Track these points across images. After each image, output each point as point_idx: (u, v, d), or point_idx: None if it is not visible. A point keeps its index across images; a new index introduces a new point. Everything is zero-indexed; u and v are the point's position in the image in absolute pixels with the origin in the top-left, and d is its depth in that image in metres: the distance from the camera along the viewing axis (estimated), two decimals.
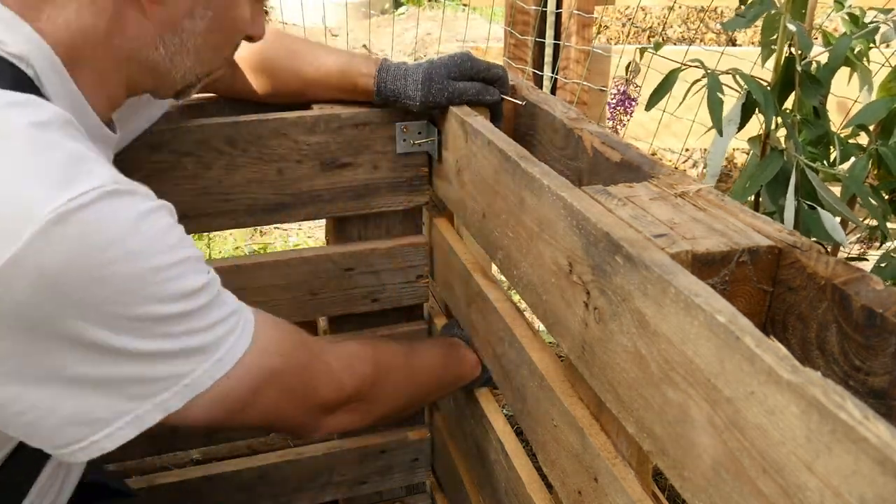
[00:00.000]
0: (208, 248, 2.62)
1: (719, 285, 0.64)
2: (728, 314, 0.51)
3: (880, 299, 0.57)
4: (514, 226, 0.87)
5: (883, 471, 0.39)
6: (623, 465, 0.72)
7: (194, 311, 0.67)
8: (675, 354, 0.57)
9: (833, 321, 0.61)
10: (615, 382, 0.67)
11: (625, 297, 0.63)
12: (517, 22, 2.67)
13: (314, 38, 4.37)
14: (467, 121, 1.00)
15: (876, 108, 1.07)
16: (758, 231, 0.66)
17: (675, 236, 0.65)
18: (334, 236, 1.24)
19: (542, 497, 0.95)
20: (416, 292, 1.28)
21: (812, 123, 1.08)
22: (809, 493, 0.44)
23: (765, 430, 0.47)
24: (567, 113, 1.04)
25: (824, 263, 0.62)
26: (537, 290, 0.83)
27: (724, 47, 2.65)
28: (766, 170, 1.02)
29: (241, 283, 1.17)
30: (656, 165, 0.82)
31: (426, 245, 1.25)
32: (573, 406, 0.80)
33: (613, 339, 0.66)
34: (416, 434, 1.42)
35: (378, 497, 1.48)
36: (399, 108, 1.11)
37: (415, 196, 1.21)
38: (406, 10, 5.53)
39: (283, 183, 1.12)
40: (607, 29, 4.38)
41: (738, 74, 1.05)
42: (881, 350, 0.57)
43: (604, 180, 0.92)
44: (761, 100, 1.00)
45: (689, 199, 0.74)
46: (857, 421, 0.40)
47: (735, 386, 0.50)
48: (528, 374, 0.91)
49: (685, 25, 4.37)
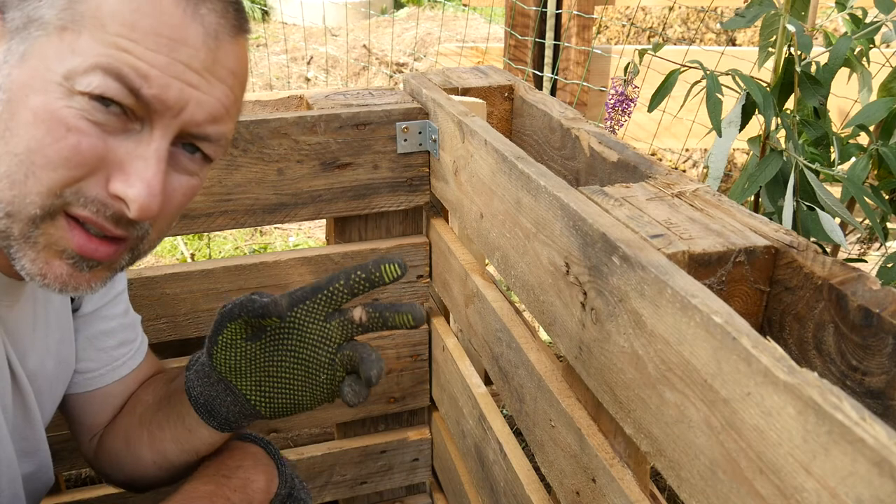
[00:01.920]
0: (208, 248, 2.62)
1: (716, 285, 0.64)
2: (724, 315, 0.51)
3: (877, 299, 0.57)
4: (511, 226, 0.87)
5: (880, 472, 0.39)
6: (621, 465, 0.72)
7: None
8: (671, 355, 0.57)
9: (830, 321, 0.61)
10: (613, 383, 0.67)
11: (622, 298, 0.63)
12: (517, 23, 2.67)
13: (314, 38, 4.32)
14: (464, 121, 1.00)
15: (876, 108, 1.07)
16: (754, 231, 0.66)
17: (672, 236, 0.65)
18: (334, 236, 1.24)
19: (540, 497, 0.95)
20: (417, 292, 1.28)
21: (812, 124, 1.08)
22: (806, 495, 0.44)
23: (762, 431, 0.47)
24: (564, 113, 1.04)
25: (821, 263, 0.62)
26: (534, 290, 0.83)
27: (724, 47, 2.65)
28: (765, 170, 1.02)
29: (241, 283, 1.17)
30: (653, 165, 0.82)
31: (426, 245, 1.25)
32: (571, 407, 0.80)
33: (610, 339, 0.66)
34: (416, 434, 1.42)
35: (378, 497, 1.48)
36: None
37: (415, 196, 1.21)
38: (406, 9, 5.53)
39: (284, 183, 1.12)
40: (607, 29, 4.38)
41: (738, 75, 1.05)
42: (878, 350, 0.56)
43: (601, 180, 0.92)
44: (760, 101, 1.00)
45: (685, 199, 0.74)
46: (854, 422, 0.40)
47: (732, 387, 0.50)
48: (527, 375, 0.91)
49: (685, 25, 4.37)
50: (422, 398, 1.38)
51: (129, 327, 0.91)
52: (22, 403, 0.76)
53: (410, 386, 1.36)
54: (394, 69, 4.21)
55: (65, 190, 0.59)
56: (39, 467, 0.82)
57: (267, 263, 1.17)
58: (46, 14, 0.58)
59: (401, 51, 4.29)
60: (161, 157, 0.61)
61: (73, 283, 0.62)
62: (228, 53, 0.63)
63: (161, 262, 2.48)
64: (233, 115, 0.66)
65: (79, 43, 0.57)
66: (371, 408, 1.35)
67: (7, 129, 0.58)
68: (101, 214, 0.60)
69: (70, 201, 0.59)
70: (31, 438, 0.79)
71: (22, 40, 0.59)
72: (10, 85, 0.58)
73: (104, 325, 0.87)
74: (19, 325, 0.74)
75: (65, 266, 0.61)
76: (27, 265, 0.61)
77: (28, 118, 0.57)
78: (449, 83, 1.27)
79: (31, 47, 0.58)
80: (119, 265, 0.66)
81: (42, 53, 0.58)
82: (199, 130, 0.63)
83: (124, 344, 0.90)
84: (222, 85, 0.63)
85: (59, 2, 0.58)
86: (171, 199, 0.65)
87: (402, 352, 1.32)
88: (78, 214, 0.60)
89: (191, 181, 0.66)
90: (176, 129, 0.61)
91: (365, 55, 4.26)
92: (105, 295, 0.87)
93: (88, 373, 0.87)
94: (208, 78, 0.61)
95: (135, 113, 0.60)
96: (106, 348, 0.88)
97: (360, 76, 4.18)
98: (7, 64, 0.59)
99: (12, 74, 0.58)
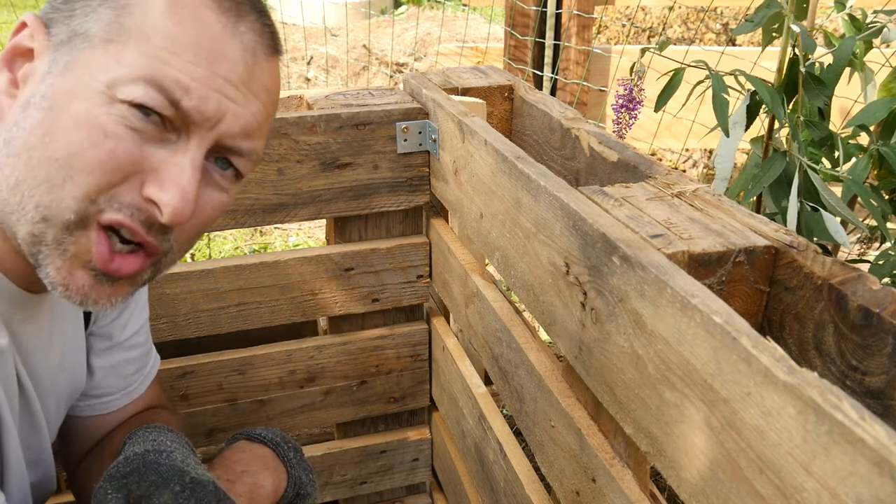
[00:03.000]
0: (208, 248, 2.62)
1: (716, 285, 0.64)
2: (724, 315, 0.51)
3: (877, 299, 0.57)
4: (511, 226, 0.87)
5: (880, 472, 0.39)
6: (621, 465, 0.72)
7: None
8: (671, 355, 0.56)
9: (830, 321, 0.61)
10: (612, 383, 0.67)
11: (621, 298, 0.63)
12: (517, 23, 2.67)
13: (314, 38, 4.33)
14: (464, 121, 1.00)
15: (876, 108, 1.07)
16: (754, 231, 0.66)
17: (672, 236, 0.65)
18: (334, 236, 1.24)
19: (540, 497, 0.95)
20: (417, 292, 1.28)
21: (815, 124, 1.08)
22: (806, 495, 0.44)
23: (762, 431, 0.47)
24: (564, 113, 1.04)
25: (821, 263, 0.62)
26: (534, 290, 0.82)
27: (724, 47, 2.65)
28: (769, 171, 1.01)
29: (241, 283, 1.17)
30: (653, 165, 0.82)
31: (426, 245, 1.25)
32: (571, 407, 0.80)
33: (610, 339, 0.66)
34: (416, 434, 1.42)
35: (378, 497, 1.48)
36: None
37: (415, 196, 1.21)
38: (406, 9, 5.53)
39: (284, 183, 1.12)
40: (607, 29, 4.38)
41: (743, 75, 1.05)
42: (878, 350, 0.56)
43: (601, 180, 0.92)
44: (769, 101, 1.00)
45: (685, 198, 0.74)
46: (854, 422, 0.40)
47: (732, 387, 0.50)
48: (527, 375, 0.91)
49: (685, 25, 4.37)
50: (422, 398, 1.38)
51: (147, 352, 0.93)
52: (29, 415, 0.77)
53: (410, 386, 1.36)
54: (394, 69, 4.21)
55: (100, 196, 0.60)
56: (44, 476, 0.83)
57: (267, 263, 1.17)
58: (92, 28, 0.60)
59: (401, 51, 4.29)
60: (196, 166, 0.62)
61: (94, 296, 0.63)
62: (264, 70, 0.65)
63: None
64: (264, 131, 0.68)
65: (124, 54, 0.59)
66: (371, 408, 1.35)
67: (48, 134, 0.59)
68: (136, 218, 0.61)
69: (104, 208, 0.60)
70: (36, 449, 0.80)
71: (66, 52, 0.60)
72: (53, 93, 0.60)
73: (129, 353, 0.89)
74: (32, 340, 0.74)
75: (87, 277, 0.62)
76: (52, 273, 0.61)
77: (69, 124, 0.59)
78: (449, 83, 1.27)
79: (75, 58, 0.60)
80: (142, 279, 0.67)
81: (86, 64, 0.59)
82: (233, 143, 0.64)
83: (140, 369, 0.91)
84: (257, 101, 0.65)
85: (105, 16, 0.60)
86: (201, 212, 0.66)
87: (402, 352, 1.32)
88: (111, 220, 0.61)
89: (221, 197, 0.67)
90: (211, 140, 0.63)
91: (365, 55, 4.26)
92: (135, 322, 0.89)
93: (106, 397, 0.88)
94: (245, 92, 0.63)
95: (173, 123, 0.61)
96: (125, 375, 0.89)
97: (360, 76, 4.18)
98: (51, 74, 0.60)
99: (56, 84, 0.60)
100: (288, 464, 0.87)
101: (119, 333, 0.87)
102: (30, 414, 0.77)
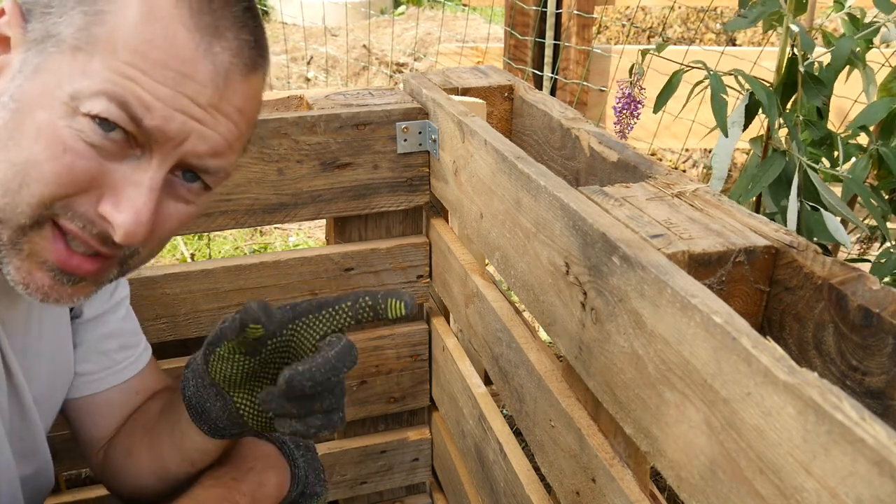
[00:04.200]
0: (208, 248, 2.62)
1: (716, 285, 0.64)
2: (724, 315, 0.51)
3: (877, 299, 0.57)
4: (511, 226, 0.87)
5: (880, 472, 0.39)
6: (621, 465, 0.72)
7: None
8: (671, 355, 0.56)
9: (830, 321, 0.61)
10: (612, 383, 0.67)
11: (621, 298, 0.63)
12: (517, 22, 2.67)
13: (314, 38, 4.32)
14: (464, 121, 1.00)
15: (876, 108, 1.07)
16: (754, 231, 0.66)
17: (672, 236, 0.65)
18: (334, 236, 1.24)
19: (540, 497, 0.95)
20: (417, 292, 1.28)
21: (814, 124, 1.08)
22: (806, 495, 0.44)
23: (761, 431, 0.47)
24: (564, 113, 1.04)
25: (821, 263, 0.62)
26: (534, 290, 0.82)
27: (724, 47, 2.65)
28: (769, 171, 1.01)
29: (241, 283, 1.17)
30: (653, 165, 0.82)
31: (426, 245, 1.25)
32: (571, 407, 0.80)
33: (610, 339, 0.66)
34: (416, 434, 1.42)
35: (378, 497, 1.48)
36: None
37: (415, 196, 1.21)
38: (406, 9, 5.53)
39: (284, 183, 1.12)
40: (607, 29, 4.38)
41: (741, 75, 1.05)
42: (878, 350, 0.56)
43: (601, 180, 0.92)
44: (765, 101, 1.00)
45: (685, 198, 0.74)
46: (854, 422, 0.40)
47: (732, 387, 0.50)
48: (527, 375, 0.91)
49: (685, 25, 4.37)
50: (422, 398, 1.38)
51: (131, 332, 0.91)
52: (18, 404, 0.76)
53: (410, 386, 1.36)
54: (394, 69, 4.21)
55: (55, 203, 0.60)
56: (39, 469, 0.82)
57: (267, 263, 1.17)
58: (64, 31, 0.59)
59: (401, 51, 4.29)
60: (154, 187, 0.61)
61: (55, 296, 0.63)
62: (236, 92, 0.63)
63: (161, 262, 2.48)
64: (236, 149, 0.67)
65: (90, 65, 0.58)
66: (371, 408, 1.35)
67: (11, 138, 0.59)
68: (87, 231, 0.61)
69: (58, 213, 0.60)
70: (28, 440, 0.79)
71: (38, 53, 0.60)
72: (20, 96, 0.59)
73: (105, 328, 0.87)
74: (17, 326, 0.74)
75: (46, 278, 0.62)
76: (12, 272, 0.62)
77: (31, 132, 0.58)
78: (449, 83, 1.27)
79: (44, 62, 0.59)
80: (106, 279, 0.66)
81: (54, 70, 0.59)
82: (200, 163, 0.64)
83: (125, 348, 0.89)
84: (227, 121, 0.63)
85: (77, 21, 0.59)
86: (164, 225, 0.65)
87: (402, 352, 1.32)
88: (64, 227, 0.61)
89: (186, 209, 0.67)
90: (175, 159, 0.62)
91: (365, 55, 4.26)
92: (106, 302, 0.87)
93: (88, 375, 0.87)
94: (213, 113, 0.62)
95: (136, 139, 0.60)
96: (107, 351, 0.88)
97: (360, 76, 4.18)
98: (21, 74, 0.60)
99: (23, 87, 0.59)
100: (293, 462, 0.87)
101: (89, 311, 0.86)
102: (19, 402, 0.76)
